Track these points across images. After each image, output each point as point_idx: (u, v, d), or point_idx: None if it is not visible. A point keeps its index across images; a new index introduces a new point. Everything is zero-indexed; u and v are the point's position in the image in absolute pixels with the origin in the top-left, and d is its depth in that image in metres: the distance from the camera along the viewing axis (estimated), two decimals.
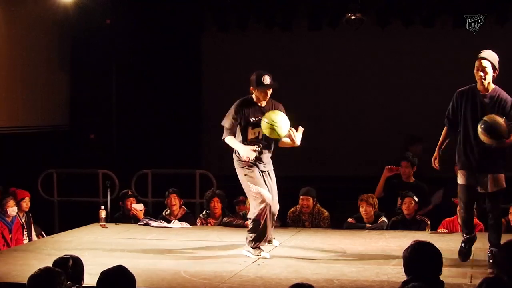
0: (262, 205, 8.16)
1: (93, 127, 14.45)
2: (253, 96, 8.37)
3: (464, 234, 7.69)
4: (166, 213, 10.73)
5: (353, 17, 13.66)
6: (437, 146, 7.79)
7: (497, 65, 7.49)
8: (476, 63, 7.47)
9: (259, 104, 8.33)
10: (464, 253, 7.63)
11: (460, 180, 7.59)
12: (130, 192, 11.12)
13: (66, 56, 14.36)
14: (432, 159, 7.78)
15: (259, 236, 8.22)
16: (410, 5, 13.90)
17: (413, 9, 13.95)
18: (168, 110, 14.85)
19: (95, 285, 5.30)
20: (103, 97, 14.50)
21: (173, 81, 14.93)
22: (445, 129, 7.77)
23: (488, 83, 7.46)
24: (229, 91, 15.42)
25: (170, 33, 14.71)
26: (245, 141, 8.31)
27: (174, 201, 10.67)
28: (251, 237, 8.25)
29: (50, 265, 5.68)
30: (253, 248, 8.22)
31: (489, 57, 7.47)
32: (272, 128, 8.08)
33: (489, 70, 7.43)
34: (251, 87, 8.36)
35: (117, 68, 14.48)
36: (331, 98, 15.27)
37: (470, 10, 13.01)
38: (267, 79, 8.22)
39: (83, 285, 5.94)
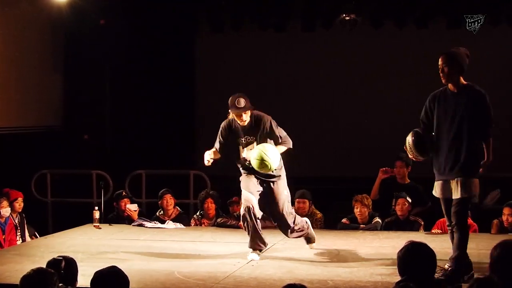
0: (242, 208, 8.17)
1: (87, 127, 14.44)
2: (231, 117, 8.22)
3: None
4: (160, 213, 10.72)
5: (347, 18, 13.68)
6: None
7: (461, 60, 7.02)
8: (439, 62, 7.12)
9: (240, 123, 8.15)
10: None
11: (436, 193, 7.24)
12: (124, 193, 11.10)
13: (60, 57, 14.35)
14: None
15: (250, 238, 8.21)
16: (404, 6, 13.92)
17: (406, 10, 13.97)
18: (162, 111, 14.84)
19: (89, 286, 5.29)
20: (97, 98, 14.50)
21: (167, 82, 14.93)
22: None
23: (457, 80, 7.03)
24: (223, 91, 15.36)
25: (164, 34, 14.70)
26: (238, 159, 8.27)
27: (170, 201, 10.66)
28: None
29: (44, 266, 5.66)
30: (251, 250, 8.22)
31: (449, 53, 7.04)
32: (263, 162, 7.93)
33: (450, 66, 6.98)
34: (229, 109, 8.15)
35: (111, 68, 14.48)
36: (325, 99, 15.28)
37: (463, 11, 13.06)
38: (240, 102, 8.00)
39: (77, 286, 5.93)
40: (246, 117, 8.10)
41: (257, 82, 15.36)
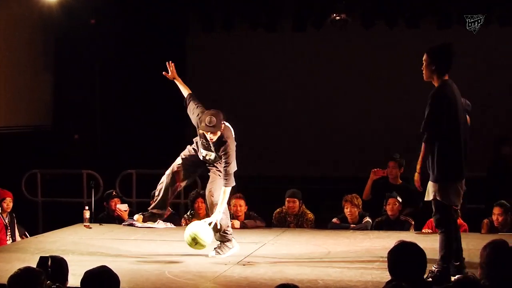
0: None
1: (77, 127, 14.43)
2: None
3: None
4: None
5: (337, 17, 13.68)
6: None
7: (436, 57, 6.91)
8: None
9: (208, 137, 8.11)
10: None
11: None
12: (114, 193, 11.07)
13: (50, 56, 14.32)
14: None
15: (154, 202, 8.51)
16: (395, 6, 13.93)
17: (397, 10, 13.98)
18: (152, 110, 14.83)
19: (79, 286, 5.28)
20: (87, 97, 14.48)
21: (157, 81, 14.88)
22: None
23: (433, 79, 6.94)
24: (213, 91, 15.50)
25: (154, 33, 14.69)
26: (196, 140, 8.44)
27: None
28: None
29: (33, 265, 5.65)
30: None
31: (428, 51, 6.98)
32: (196, 241, 7.98)
33: (426, 64, 6.96)
34: None
35: (101, 68, 14.46)
36: (316, 98, 15.29)
37: (454, 11, 13.08)
38: (211, 121, 7.97)
39: (67, 285, 5.92)
40: (213, 137, 8.03)
41: (247, 81, 15.38)
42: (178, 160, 8.41)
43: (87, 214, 10.42)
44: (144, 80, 14.75)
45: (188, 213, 10.75)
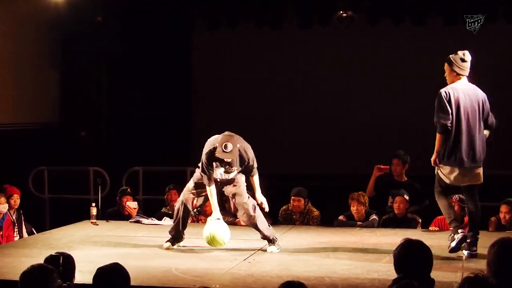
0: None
1: (84, 124, 14.44)
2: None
3: None
4: (167, 208, 10.77)
5: (344, 15, 13.67)
6: None
7: (450, 63, 7.85)
8: None
9: (224, 160, 8.23)
10: None
11: None
12: (129, 190, 11.07)
13: (57, 53, 14.34)
14: None
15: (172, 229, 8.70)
16: (400, 3, 13.92)
17: (403, 7, 13.97)
18: (158, 108, 14.86)
19: (87, 282, 5.30)
20: (93, 95, 14.50)
21: (163, 79, 14.93)
22: None
23: (454, 82, 7.86)
24: (219, 88, 15.55)
25: (160, 31, 14.72)
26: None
27: (174, 197, 10.66)
28: None
29: (41, 262, 5.65)
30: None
31: (447, 59, 7.90)
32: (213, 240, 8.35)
33: (448, 71, 7.91)
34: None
35: (107, 65, 14.49)
36: (321, 96, 15.27)
37: (460, 9, 13.05)
38: (228, 147, 8.05)
39: (74, 282, 5.93)
40: (230, 160, 8.23)
41: (253, 79, 15.38)
42: (190, 185, 8.65)
43: (93, 211, 10.45)
44: (150, 78, 14.78)
45: (195, 210, 10.77)
